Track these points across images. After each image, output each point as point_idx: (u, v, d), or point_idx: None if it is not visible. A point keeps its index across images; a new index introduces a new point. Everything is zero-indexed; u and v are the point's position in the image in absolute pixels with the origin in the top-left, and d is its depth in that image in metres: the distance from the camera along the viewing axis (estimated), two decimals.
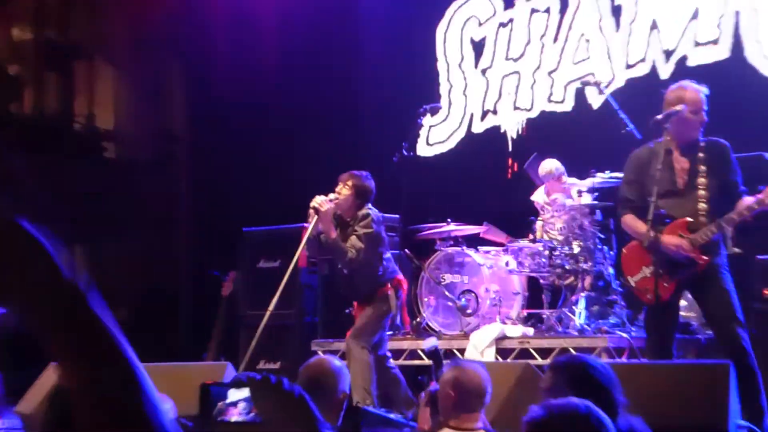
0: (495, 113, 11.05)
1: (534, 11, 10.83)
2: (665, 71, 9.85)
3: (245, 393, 2.44)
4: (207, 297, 10.78)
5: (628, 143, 7.31)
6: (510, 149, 10.81)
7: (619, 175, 7.26)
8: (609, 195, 8.27)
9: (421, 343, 8.14)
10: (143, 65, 12.19)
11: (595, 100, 10.12)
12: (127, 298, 10.80)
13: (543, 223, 9.03)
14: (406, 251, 9.29)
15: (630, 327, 8.12)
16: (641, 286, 6.53)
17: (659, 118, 6.44)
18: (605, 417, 2.73)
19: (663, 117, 6.42)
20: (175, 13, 11.88)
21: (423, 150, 11.29)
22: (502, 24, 11.04)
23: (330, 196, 7.80)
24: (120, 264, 11.03)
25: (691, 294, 6.86)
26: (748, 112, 9.07)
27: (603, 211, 8.72)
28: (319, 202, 7.72)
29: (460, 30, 11.34)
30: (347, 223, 7.87)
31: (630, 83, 10.03)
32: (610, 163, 8.34)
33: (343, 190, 7.86)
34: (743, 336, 6.21)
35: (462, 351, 8.50)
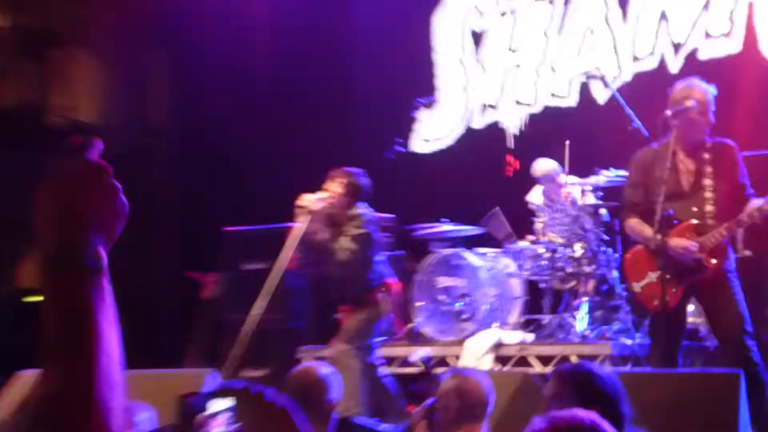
0: (495, 108, 11.04)
1: (537, 0, 10.81)
2: (674, 65, 9.87)
3: (226, 404, 2.41)
4: (187, 300, 10.73)
5: (634, 140, 7.31)
6: (511, 146, 10.80)
7: (625, 174, 7.24)
8: (614, 194, 8.25)
9: (413, 354, 8.10)
10: (125, 55, 12.13)
11: (601, 94, 10.12)
12: None
13: (543, 225, 9.01)
14: (399, 253, 9.27)
15: (635, 334, 8.10)
16: (647, 292, 6.55)
17: (669, 113, 6.44)
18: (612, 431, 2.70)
19: (673, 113, 6.43)
20: (160, 0, 11.84)
21: (418, 146, 11.27)
22: (503, 14, 11.02)
23: (320, 194, 7.76)
24: None
25: (699, 301, 6.87)
26: (761, 108, 9.08)
27: (608, 212, 8.71)
28: (309, 200, 7.69)
29: (459, 20, 11.31)
30: (338, 223, 7.85)
31: (637, 77, 10.05)
32: (615, 161, 8.32)
33: (335, 188, 7.84)
34: (752, 347, 6.26)
35: (458, 359, 8.49)
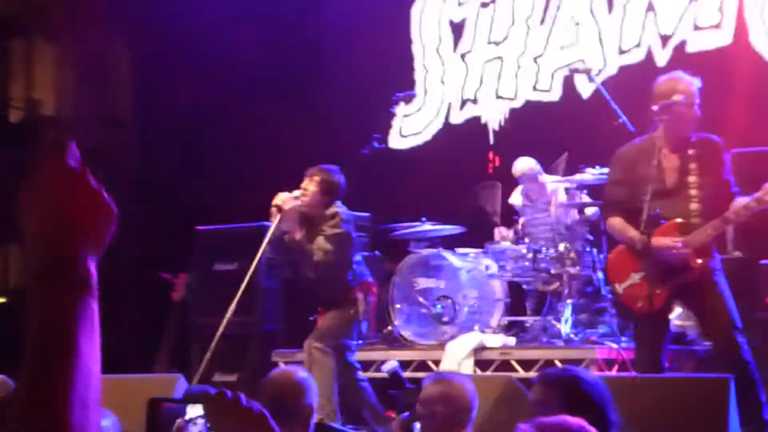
0: (475, 102, 11.08)
1: None
2: (662, 58, 9.91)
3: (202, 410, 2.43)
4: (155, 302, 10.73)
5: (620, 136, 7.33)
6: (491, 142, 10.83)
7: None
8: (600, 192, 8.29)
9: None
10: (88, 45, 12.11)
11: (585, 88, 10.16)
12: None
13: (525, 225, 9.06)
14: (377, 253, 9.30)
15: (621, 337, 8.10)
16: (630, 293, 6.53)
17: (656, 108, 6.44)
18: None
19: (661, 107, 6.42)
20: None
21: (396, 142, 11.31)
22: (483, 4, 11.06)
23: (295, 193, 7.78)
24: None
25: (685, 303, 6.89)
26: (751, 102, 9.14)
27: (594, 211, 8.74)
28: (283, 199, 7.69)
29: (437, 10, 11.34)
30: (314, 223, 7.85)
31: (623, 71, 10.08)
32: (600, 158, 8.35)
33: (310, 186, 7.85)
34: (743, 345, 6.25)
35: (437, 363, 8.52)
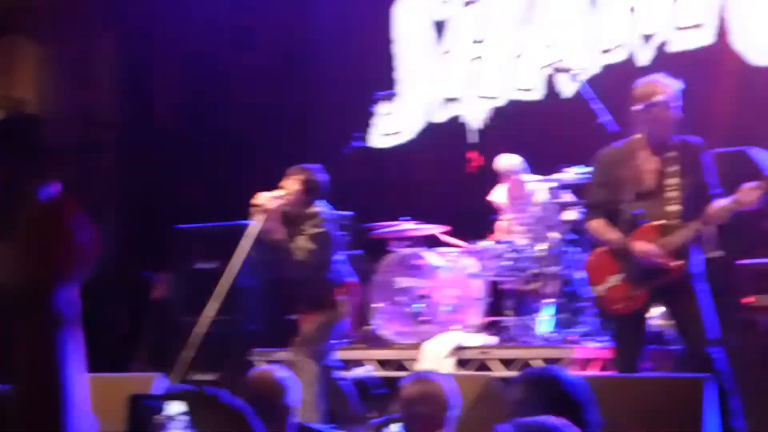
0: (457, 101, 11.12)
1: None
2: (644, 57, 9.96)
3: (182, 406, 2.46)
4: (135, 300, 10.75)
5: (601, 136, 7.36)
6: (473, 141, 10.85)
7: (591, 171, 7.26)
8: (583, 192, 8.32)
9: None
10: (71, 43, 12.10)
11: (568, 88, 10.18)
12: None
13: (507, 223, 9.11)
14: (358, 252, 9.32)
15: (600, 337, 8.11)
16: (609, 294, 6.56)
17: (637, 109, 6.47)
18: None
19: (641, 109, 6.46)
20: None
21: (377, 141, 11.34)
22: (466, 3, 11.10)
23: (276, 192, 7.82)
24: None
25: (664, 305, 6.91)
26: (732, 102, 9.17)
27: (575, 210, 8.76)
28: (265, 199, 7.73)
29: (420, 8, 11.37)
30: (295, 222, 7.86)
31: (606, 70, 10.10)
32: (583, 157, 8.38)
33: (292, 185, 7.87)
34: (715, 356, 6.27)
35: (416, 362, 8.57)
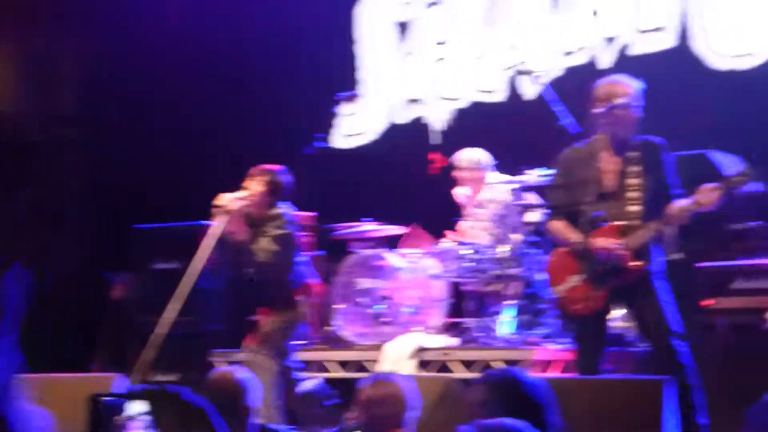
0: (420, 102, 11.16)
1: None
2: (606, 60, 10.03)
3: (145, 406, 2.48)
4: (94, 300, 10.71)
5: (565, 138, 7.40)
6: (436, 142, 10.88)
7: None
8: (545, 194, 8.36)
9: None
10: (34, 40, 12.05)
11: (530, 89, 10.23)
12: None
13: (469, 224, 9.15)
14: (320, 253, 9.34)
15: (561, 339, 8.16)
16: (570, 295, 6.61)
17: (598, 111, 6.52)
18: None
19: (605, 109, 6.49)
20: None
21: (339, 142, 11.37)
22: (429, 4, 11.14)
23: (239, 193, 7.83)
24: None
25: (625, 305, 6.97)
26: (693, 106, 9.23)
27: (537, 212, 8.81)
28: (227, 200, 7.73)
29: (383, 9, 11.40)
30: (257, 223, 7.86)
31: (568, 72, 10.17)
32: (545, 159, 8.42)
33: (255, 186, 7.87)
34: (679, 349, 6.36)
35: (377, 363, 8.60)
